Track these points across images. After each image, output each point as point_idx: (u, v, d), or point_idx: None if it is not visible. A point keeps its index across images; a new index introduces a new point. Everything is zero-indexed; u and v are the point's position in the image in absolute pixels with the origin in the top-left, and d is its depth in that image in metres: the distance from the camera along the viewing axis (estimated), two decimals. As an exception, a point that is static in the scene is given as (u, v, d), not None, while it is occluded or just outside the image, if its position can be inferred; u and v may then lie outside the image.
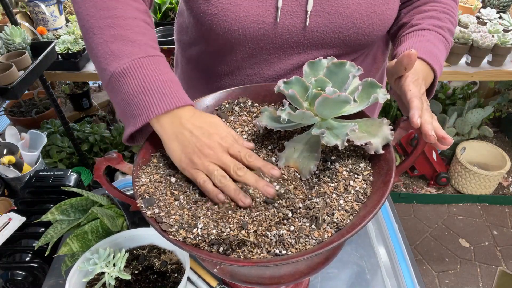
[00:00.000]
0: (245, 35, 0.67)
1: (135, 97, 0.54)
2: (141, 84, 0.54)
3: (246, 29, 0.66)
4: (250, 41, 0.68)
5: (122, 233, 0.73)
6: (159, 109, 0.53)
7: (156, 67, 0.56)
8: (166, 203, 0.51)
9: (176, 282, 0.68)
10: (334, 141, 0.49)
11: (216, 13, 0.65)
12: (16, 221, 0.89)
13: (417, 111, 0.50)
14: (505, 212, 2.15)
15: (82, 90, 2.29)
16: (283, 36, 0.68)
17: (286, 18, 0.66)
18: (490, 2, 1.94)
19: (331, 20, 0.67)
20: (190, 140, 0.52)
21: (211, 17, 0.65)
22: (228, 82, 0.79)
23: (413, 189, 2.23)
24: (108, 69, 0.56)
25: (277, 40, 0.69)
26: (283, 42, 0.69)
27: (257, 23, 0.66)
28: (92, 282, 0.68)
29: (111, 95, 0.58)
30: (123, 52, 0.56)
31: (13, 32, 1.41)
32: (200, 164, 0.52)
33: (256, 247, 0.45)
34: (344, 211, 0.48)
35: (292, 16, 0.66)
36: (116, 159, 0.53)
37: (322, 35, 0.68)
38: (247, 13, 0.64)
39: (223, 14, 0.64)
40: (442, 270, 1.88)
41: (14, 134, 1.54)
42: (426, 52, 0.63)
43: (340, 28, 0.68)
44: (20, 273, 0.85)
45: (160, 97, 0.54)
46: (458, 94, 2.35)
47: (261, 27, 0.66)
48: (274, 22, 0.66)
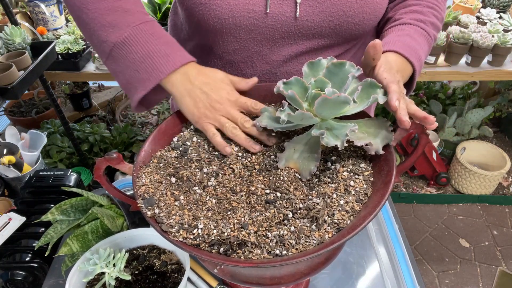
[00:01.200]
0: (236, 24, 0.67)
1: (142, 62, 0.58)
2: (145, 49, 0.58)
3: (236, 18, 0.67)
4: (241, 30, 0.69)
5: (122, 233, 0.73)
6: (167, 69, 0.58)
7: (154, 31, 0.60)
8: (167, 203, 0.51)
9: (176, 283, 0.68)
10: (334, 142, 0.49)
11: (206, 3, 0.66)
12: (16, 221, 0.89)
13: (395, 94, 0.51)
14: (505, 212, 2.15)
15: (82, 90, 2.29)
16: (273, 26, 0.69)
17: (276, 7, 0.67)
18: (490, 2, 1.94)
19: (321, 9, 0.67)
20: (201, 96, 0.58)
21: (202, 7, 0.66)
22: None
23: (413, 189, 2.23)
24: (109, 40, 0.59)
25: (268, 30, 0.69)
26: (274, 32, 0.70)
27: (247, 11, 0.66)
28: (92, 282, 0.68)
29: (114, 65, 0.61)
30: (121, 22, 0.59)
31: (13, 32, 1.41)
32: (212, 117, 0.58)
33: (256, 248, 0.45)
34: (345, 211, 0.48)
35: (282, 5, 0.67)
36: (116, 159, 0.53)
37: (312, 24, 0.69)
38: (237, 2, 0.65)
39: (213, 3, 0.66)
40: (442, 270, 1.88)
41: (14, 134, 1.54)
42: (403, 46, 0.62)
43: (330, 16, 0.68)
44: (20, 273, 0.85)
45: (165, 58, 0.58)
46: (458, 94, 2.35)
47: (252, 16, 0.67)
48: (265, 11, 0.67)
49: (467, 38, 1.62)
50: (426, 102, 2.31)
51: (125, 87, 0.62)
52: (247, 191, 0.52)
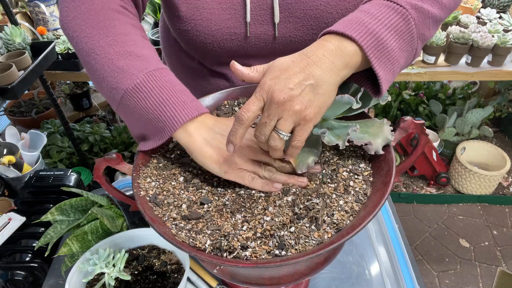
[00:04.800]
0: (221, 47, 0.69)
1: (155, 110, 0.51)
2: (159, 97, 0.51)
3: (220, 42, 0.68)
4: (227, 52, 0.71)
5: (122, 234, 0.73)
6: (185, 118, 0.51)
7: (169, 78, 0.54)
8: (166, 203, 0.51)
9: (176, 283, 0.68)
10: (335, 141, 0.49)
11: (190, 29, 0.67)
12: (16, 221, 0.89)
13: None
14: (505, 212, 2.15)
15: (82, 90, 2.29)
16: (257, 45, 0.70)
17: (257, 28, 0.68)
18: (490, 2, 1.94)
19: (302, 24, 0.67)
20: (224, 143, 0.50)
21: (186, 33, 0.68)
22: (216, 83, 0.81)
23: (413, 189, 2.23)
24: (120, 87, 0.52)
25: (252, 50, 0.71)
26: (259, 51, 0.71)
27: (230, 35, 0.68)
28: (92, 283, 0.68)
29: (125, 114, 0.55)
30: (133, 67, 0.52)
31: (13, 32, 1.41)
32: (243, 163, 0.51)
33: (256, 248, 0.45)
34: (344, 211, 0.48)
35: (262, 25, 0.68)
36: (116, 160, 0.53)
37: (296, 39, 0.69)
38: (218, 27, 0.66)
39: (196, 30, 0.67)
40: (442, 270, 1.88)
41: (14, 134, 1.54)
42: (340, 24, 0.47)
43: (312, 30, 0.68)
44: (20, 273, 0.85)
45: (182, 107, 0.52)
46: (458, 94, 2.34)
47: (234, 39, 0.68)
48: (245, 33, 0.68)
49: (467, 38, 1.62)
50: (426, 102, 2.31)
51: (140, 135, 0.56)
52: (247, 192, 0.52)
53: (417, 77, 1.73)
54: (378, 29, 0.46)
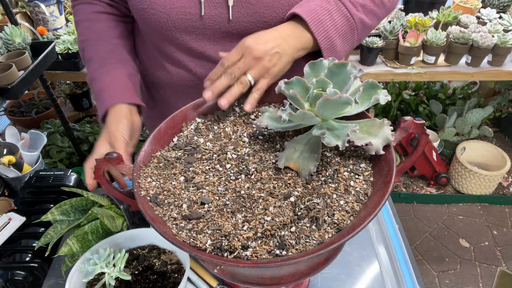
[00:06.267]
0: (175, 26, 0.71)
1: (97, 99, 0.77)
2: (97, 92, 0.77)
3: (175, 21, 0.70)
4: (182, 32, 0.72)
5: (122, 233, 0.73)
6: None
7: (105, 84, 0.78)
8: (167, 203, 0.51)
9: (176, 283, 0.68)
10: (335, 142, 0.49)
11: (146, 8, 0.70)
12: (16, 221, 0.89)
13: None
14: (505, 212, 2.15)
15: (82, 90, 2.29)
16: (211, 27, 0.71)
17: (211, 9, 0.69)
18: (490, 2, 1.94)
19: (254, 10, 0.69)
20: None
21: (143, 12, 0.71)
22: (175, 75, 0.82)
23: (413, 189, 2.23)
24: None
25: (206, 31, 0.72)
26: (213, 32, 0.72)
27: (184, 14, 0.70)
28: (92, 282, 0.68)
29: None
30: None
31: (13, 32, 1.41)
32: None
33: (256, 248, 0.45)
34: (345, 211, 0.48)
35: (216, 7, 0.69)
36: (116, 159, 0.53)
37: (248, 24, 0.71)
38: (173, 6, 0.69)
39: (152, 8, 0.70)
40: (442, 270, 1.88)
41: (14, 134, 1.54)
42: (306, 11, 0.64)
43: (263, 17, 0.69)
44: (20, 273, 0.85)
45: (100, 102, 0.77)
46: (458, 94, 2.35)
47: (189, 19, 0.70)
48: (200, 14, 0.69)
49: (467, 38, 1.62)
50: (426, 102, 2.31)
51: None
52: (248, 192, 0.52)
53: (417, 77, 1.73)
54: (333, 35, 0.66)
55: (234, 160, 0.56)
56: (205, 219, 0.49)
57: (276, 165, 0.54)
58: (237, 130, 0.61)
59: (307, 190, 0.51)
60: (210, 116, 0.65)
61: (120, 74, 0.77)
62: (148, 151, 0.58)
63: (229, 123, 0.63)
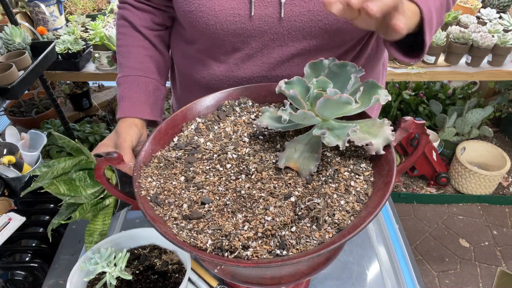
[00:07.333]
0: (223, 29, 0.69)
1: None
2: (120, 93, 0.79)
3: (223, 23, 0.68)
4: (230, 34, 0.70)
5: (123, 233, 0.73)
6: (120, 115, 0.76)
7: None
8: (167, 203, 0.51)
9: (177, 283, 0.68)
10: (335, 142, 0.49)
11: (193, 10, 0.68)
12: (16, 221, 0.89)
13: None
14: (505, 212, 2.15)
15: (82, 90, 2.29)
16: (260, 28, 0.69)
17: (261, 9, 0.67)
18: (490, 2, 1.94)
19: (308, 8, 0.66)
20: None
21: (190, 14, 0.69)
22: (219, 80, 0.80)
23: (413, 189, 2.23)
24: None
25: (255, 33, 0.70)
26: (262, 34, 0.70)
27: (233, 16, 0.68)
28: (93, 282, 0.68)
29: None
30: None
31: (13, 32, 1.41)
32: None
33: (257, 248, 0.46)
34: (345, 211, 0.48)
35: (267, 7, 0.67)
36: (117, 159, 0.53)
37: (300, 24, 0.68)
38: (221, 7, 0.67)
39: (199, 10, 0.68)
40: (442, 270, 1.88)
41: (14, 134, 1.54)
42: None
43: (318, 15, 0.66)
44: (20, 273, 0.85)
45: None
46: (458, 94, 2.34)
47: (238, 20, 0.68)
48: (249, 14, 0.67)
49: (467, 38, 1.62)
50: (426, 102, 2.31)
51: None
52: (248, 192, 0.52)
53: (417, 77, 1.73)
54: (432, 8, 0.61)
55: (234, 160, 0.56)
56: (206, 219, 0.49)
57: (277, 165, 0.54)
58: (237, 130, 0.62)
59: (307, 190, 0.51)
60: (211, 116, 0.65)
61: (143, 89, 0.78)
62: (148, 151, 0.58)
63: (230, 123, 0.63)
